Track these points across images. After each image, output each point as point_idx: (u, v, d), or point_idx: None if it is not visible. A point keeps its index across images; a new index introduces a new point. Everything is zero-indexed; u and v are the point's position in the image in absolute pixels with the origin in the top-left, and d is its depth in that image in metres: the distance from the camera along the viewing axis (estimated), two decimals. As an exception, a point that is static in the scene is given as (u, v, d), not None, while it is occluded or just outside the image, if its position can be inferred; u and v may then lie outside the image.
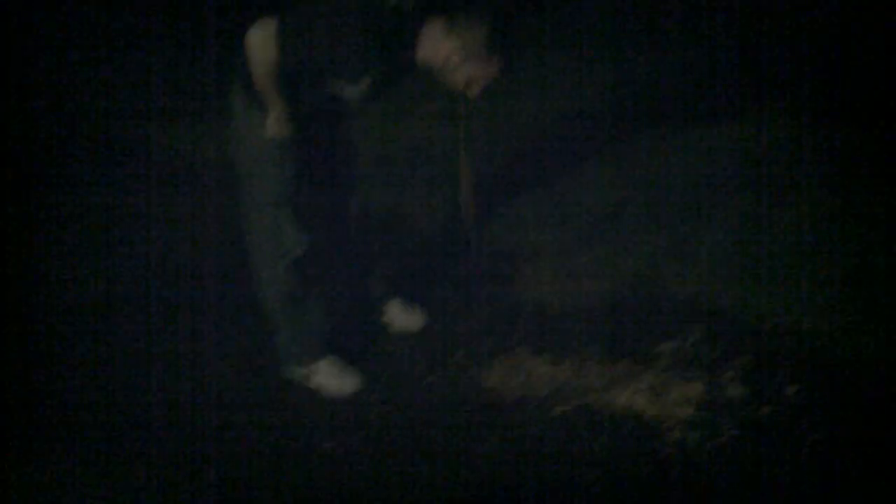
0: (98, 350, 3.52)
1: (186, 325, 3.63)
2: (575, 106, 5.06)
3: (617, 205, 4.23)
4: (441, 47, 2.81)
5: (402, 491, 2.99)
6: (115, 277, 3.89)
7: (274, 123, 2.94)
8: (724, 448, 3.08)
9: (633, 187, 4.35)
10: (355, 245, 3.47)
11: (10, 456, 3.17)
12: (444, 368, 3.43)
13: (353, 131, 3.29)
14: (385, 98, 3.03)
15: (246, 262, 3.32)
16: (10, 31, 5.73)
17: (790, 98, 4.92)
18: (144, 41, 5.67)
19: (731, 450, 3.08)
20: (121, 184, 4.51)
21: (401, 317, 3.58)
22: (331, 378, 3.33)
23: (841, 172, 4.36)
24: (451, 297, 3.75)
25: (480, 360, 3.46)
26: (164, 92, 5.33)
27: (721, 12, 5.82)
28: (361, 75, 2.84)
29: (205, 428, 3.23)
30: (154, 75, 5.46)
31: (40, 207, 4.31)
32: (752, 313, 3.61)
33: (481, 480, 3.01)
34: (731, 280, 3.77)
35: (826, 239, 3.95)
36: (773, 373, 3.32)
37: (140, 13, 5.90)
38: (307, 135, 3.02)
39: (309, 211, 3.17)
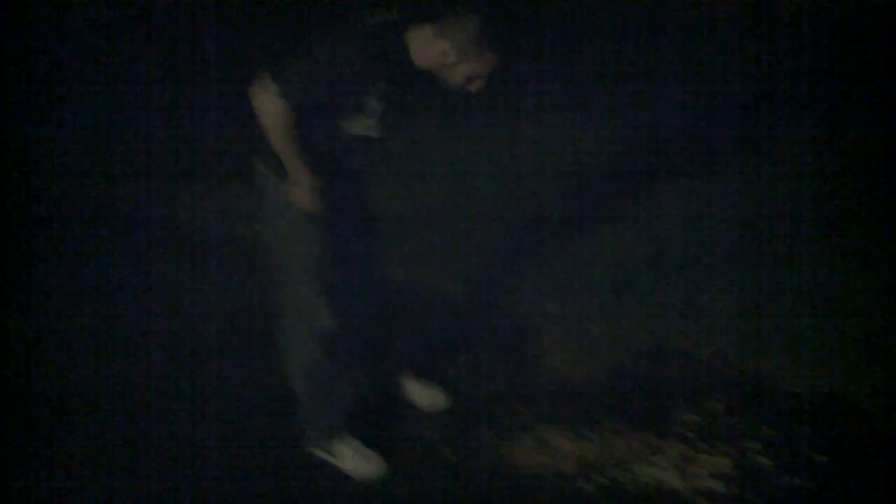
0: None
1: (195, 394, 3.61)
2: (584, 164, 5.10)
3: (632, 270, 4.24)
4: (433, 49, 2.79)
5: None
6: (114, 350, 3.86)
7: (301, 195, 2.92)
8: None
9: (648, 252, 4.36)
10: (377, 319, 3.44)
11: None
12: (467, 447, 3.39)
13: (371, 196, 3.26)
14: (398, 127, 3.00)
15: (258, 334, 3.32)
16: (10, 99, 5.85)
17: (795, 152, 4.98)
18: (146, 101, 5.73)
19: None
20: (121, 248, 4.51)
21: (421, 395, 3.55)
22: (355, 461, 3.29)
23: (852, 226, 4.40)
24: (471, 371, 3.72)
25: (503, 436, 3.42)
26: (163, 155, 5.40)
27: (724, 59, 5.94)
28: (369, 99, 2.82)
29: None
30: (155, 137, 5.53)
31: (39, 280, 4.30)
32: (773, 378, 3.59)
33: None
34: (748, 344, 3.76)
35: (843, 296, 3.96)
36: (799, 441, 3.29)
37: (141, 73, 6.00)
38: (334, 205, 2.99)
39: (337, 286, 3.14)
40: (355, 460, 3.29)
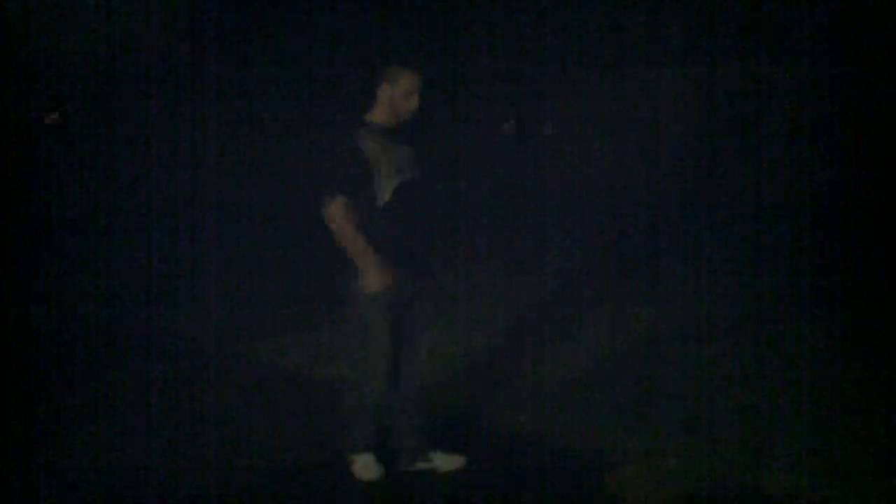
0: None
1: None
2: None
3: (700, 408, 4.65)
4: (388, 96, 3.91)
5: None
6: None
7: (370, 278, 3.83)
8: None
9: (716, 390, 4.83)
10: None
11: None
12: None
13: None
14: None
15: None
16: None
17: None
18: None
19: None
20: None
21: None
22: (366, 469, 4.02)
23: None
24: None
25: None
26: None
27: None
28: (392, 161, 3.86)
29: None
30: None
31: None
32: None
33: None
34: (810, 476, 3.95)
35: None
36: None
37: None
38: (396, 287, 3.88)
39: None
40: (366, 469, 4.02)
